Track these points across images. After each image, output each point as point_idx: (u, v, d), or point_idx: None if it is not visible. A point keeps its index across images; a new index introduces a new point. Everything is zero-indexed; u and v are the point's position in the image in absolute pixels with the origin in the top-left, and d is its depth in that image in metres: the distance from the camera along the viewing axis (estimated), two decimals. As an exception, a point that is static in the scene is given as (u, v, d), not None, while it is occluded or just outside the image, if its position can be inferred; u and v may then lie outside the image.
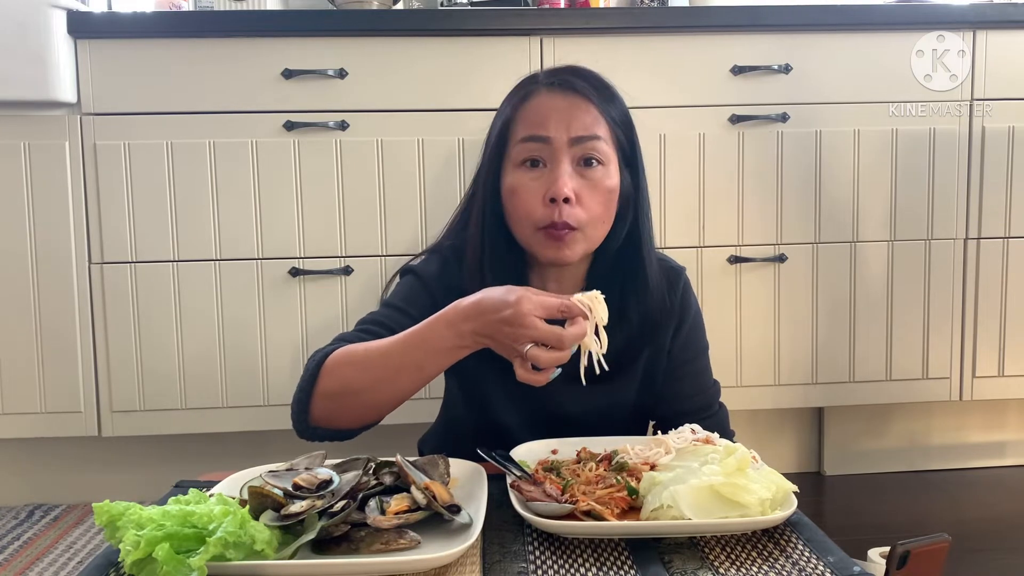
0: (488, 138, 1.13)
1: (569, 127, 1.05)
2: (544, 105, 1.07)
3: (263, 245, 1.78)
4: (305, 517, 0.77)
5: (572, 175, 1.04)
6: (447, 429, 1.29)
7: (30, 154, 1.73)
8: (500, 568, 0.77)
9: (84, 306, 1.77)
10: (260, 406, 1.81)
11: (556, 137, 1.04)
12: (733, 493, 0.81)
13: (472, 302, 0.95)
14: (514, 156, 1.07)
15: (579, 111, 1.06)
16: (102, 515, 0.75)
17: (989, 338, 1.93)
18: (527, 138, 1.06)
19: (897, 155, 1.88)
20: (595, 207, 1.06)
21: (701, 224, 1.85)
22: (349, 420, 1.01)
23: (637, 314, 1.12)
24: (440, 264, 1.16)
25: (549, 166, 1.05)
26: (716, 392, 1.22)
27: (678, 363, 1.18)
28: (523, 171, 1.06)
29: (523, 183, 1.06)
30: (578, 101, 1.07)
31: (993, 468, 2.10)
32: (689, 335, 1.19)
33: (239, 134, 1.76)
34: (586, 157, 1.05)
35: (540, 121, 1.05)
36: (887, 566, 0.75)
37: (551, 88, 1.08)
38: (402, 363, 0.97)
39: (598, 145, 1.06)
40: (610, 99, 1.10)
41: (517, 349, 0.91)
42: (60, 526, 1.78)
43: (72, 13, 1.70)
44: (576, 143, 1.05)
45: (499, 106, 1.15)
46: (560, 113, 1.05)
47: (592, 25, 1.79)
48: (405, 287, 1.17)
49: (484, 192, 1.10)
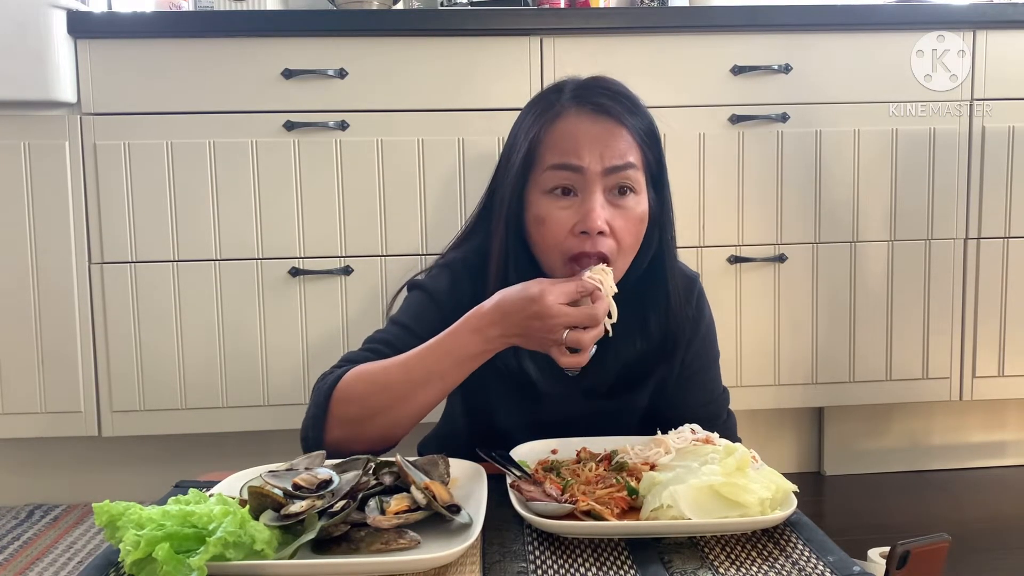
0: (509, 152, 1.08)
1: (603, 156, 1.00)
2: (576, 130, 1.01)
3: (263, 245, 1.78)
4: (305, 517, 0.77)
5: (604, 205, 1.00)
6: (448, 436, 1.27)
7: (30, 154, 1.73)
8: (500, 568, 0.77)
9: (84, 306, 1.76)
10: (260, 406, 1.81)
11: (590, 167, 1.00)
12: (733, 493, 0.81)
13: (493, 305, 0.96)
14: (542, 182, 1.02)
15: (613, 138, 1.01)
16: (102, 515, 0.75)
17: (989, 338, 1.93)
18: (558, 166, 1.01)
19: (897, 155, 1.88)
20: (626, 237, 1.02)
21: (701, 224, 1.85)
22: (365, 445, 0.98)
23: (658, 329, 1.10)
24: (450, 280, 1.12)
25: (581, 196, 1.01)
26: (725, 401, 1.20)
27: (689, 373, 1.16)
28: (552, 199, 1.02)
29: (552, 213, 1.01)
30: (611, 126, 1.02)
31: (993, 468, 2.10)
32: (701, 346, 1.17)
33: (239, 134, 1.76)
34: (620, 186, 1.02)
35: (573, 148, 1.00)
36: (887, 566, 0.75)
37: (581, 109, 1.03)
38: (426, 376, 0.97)
39: (631, 174, 1.02)
40: (639, 116, 1.05)
41: (552, 339, 0.93)
42: (60, 526, 1.78)
43: (72, 13, 1.70)
44: (610, 172, 1.00)
45: (519, 118, 1.09)
46: (593, 140, 1.00)
47: (592, 25, 1.79)
48: (414, 304, 1.14)
49: (507, 213, 1.06)
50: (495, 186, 1.11)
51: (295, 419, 1.82)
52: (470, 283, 1.10)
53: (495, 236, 1.08)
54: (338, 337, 1.80)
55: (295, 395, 1.80)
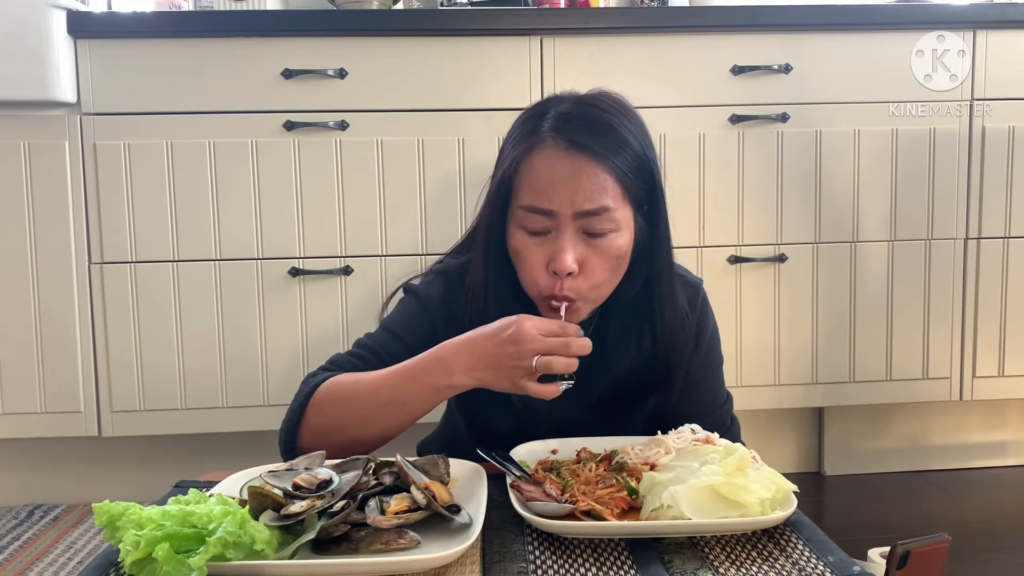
0: (494, 173, 1.06)
1: (574, 200, 0.97)
2: (550, 169, 0.99)
3: (263, 245, 1.78)
4: (305, 517, 0.77)
5: (576, 244, 0.99)
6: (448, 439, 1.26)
7: (30, 154, 1.73)
8: (500, 568, 0.77)
9: (84, 306, 1.77)
10: (260, 406, 1.80)
11: (560, 211, 0.98)
12: (733, 493, 0.81)
13: (465, 336, 0.96)
14: (518, 218, 1.02)
15: (585, 179, 0.97)
16: (102, 515, 0.75)
17: (989, 338, 1.93)
18: (530, 208, 0.99)
19: (897, 155, 1.88)
20: (600, 274, 1.01)
21: (701, 224, 1.85)
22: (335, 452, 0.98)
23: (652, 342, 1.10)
24: (444, 287, 1.12)
25: (553, 235, 0.99)
26: (729, 408, 1.19)
27: (693, 382, 1.14)
28: (526, 235, 1.01)
29: (527, 248, 1.01)
30: (585, 165, 0.98)
31: (993, 468, 2.10)
32: (706, 355, 1.16)
33: (239, 134, 1.76)
34: (591, 231, 0.99)
35: (544, 190, 0.98)
36: (887, 566, 0.75)
37: (557, 142, 0.99)
38: (389, 400, 0.97)
39: (604, 218, 0.98)
40: (622, 149, 1.00)
41: (523, 365, 0.91)
42: (60, 526, 1.78)
43: (72, 13, 1.70)
44: (581, 216, 0.98)
45: (507, 134, 1.08)
46: (565, 182, 0.97)
47: (592, 25, 1.79)
48: (405, 311, 1.13)
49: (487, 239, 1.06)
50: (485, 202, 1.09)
51: (295, 419, 1.79)
52: (462, 292, 1.10)
53: (477, 259, 1.08)
54: (338, 337, 1.80)
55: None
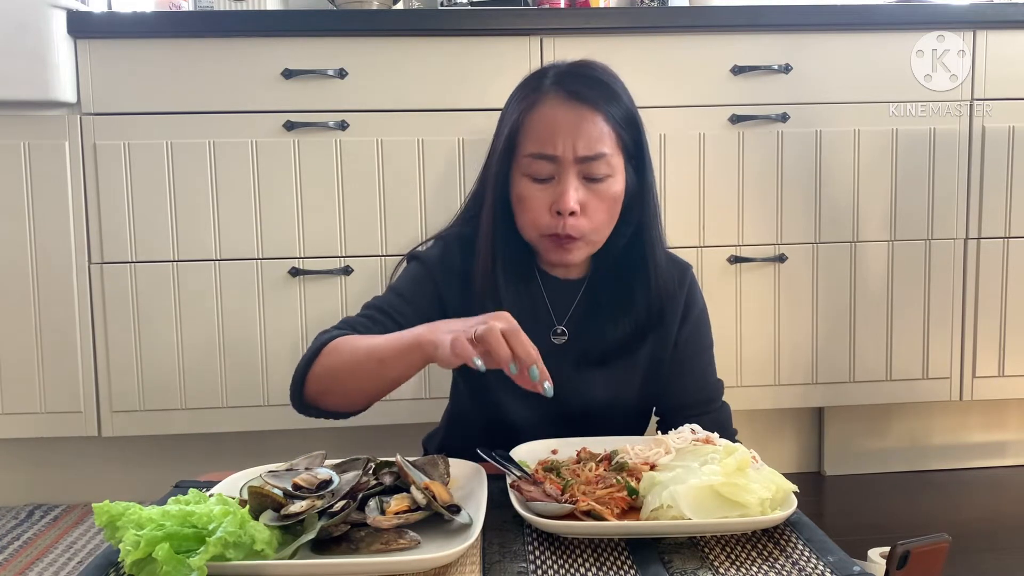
0: (497, 136, 1.16)
1: (575, 146, 1.07)
2: (552, 118, 1.08)
3: (263, 245, 1.78)
4: (305, 517, 0.77)
5: (578, 187, 1.08)
6: (453, 423, 1.31)
7: (30, 154, 1.73)
8: (500, 568, 0.77)
9: (84, 306, 1.76)
10: (260, 406, 1.80)
11: (563, 156, 1.07)
12: (733, 493, 0.81)
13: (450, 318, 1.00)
14: (522, 166, 1.10)
15: (585, 125, 1.07)
16: (102, 515, 0.75)
17: (989, 338, 1.93)
18: (535, 155, 1.09)
19: (897, 155, 1.88)
20: (599, 215, 1.10)
21: (701, 224, 1.85)
22: (336, 403, 1.07)
23: (643, 301, 1.16)
24: (442, 249, 1.20)
25: (556, 179, 1.09)
26: (719, 390, 1.24)
27: (683, 357, 1.21)
28: (530, 182, 1.10)
29: (531, 193, 1.10)
30: (584, 112, 1.08)
31: (993, 468, 2.10)
32: (695, 329, 1.22)
33: (239, 134, 1.76)
34: (591, 176, 1.08)
35: (548, 137, 1.08)
36: (887, 566, 0.75)
37: (558, 95, 1.09)
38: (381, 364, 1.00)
39: (602, 162, 1.08)
40: (615, 102, 1.11)
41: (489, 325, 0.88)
42: (60, 526, 1.78)
43: (72, 13, 1.69)
44: (582, 161, 1.08)
45: (508, 100, 1.16)
46: (568, 129, 1.07)
47: (592, 25, 1.79)
48: (409, 273, 1.22)
49: (494, 192, 1.14)
50: (488, 164, 1.18)
51: (295, 419, 1.83)
52: (460, 253, 1.18)
53: (484, 212, 1.16)
54: (338, 337, 1.80)
55: (295, 395, 1.80)
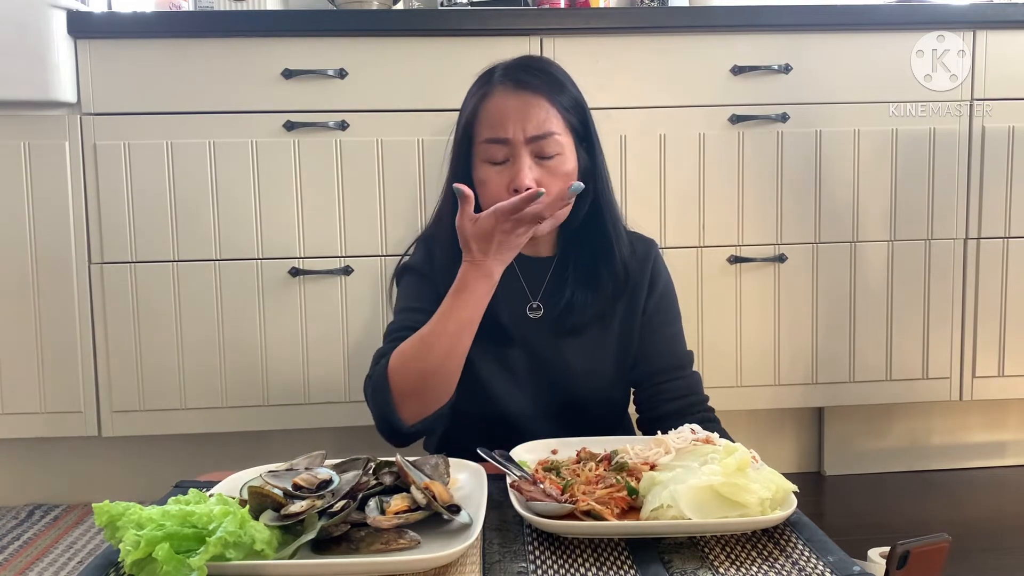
0: (456, 129, 1.26)
1: (525, 127, 1.17)
2: (502, 105, 1.19)
3: (263, 245, 1.78)
4: (305, 517, 0.77)
5: (532, 166, 1.18)
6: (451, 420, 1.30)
7: (30, 154, 1.73)
8: (500, 568, 0.77)
9: (84, 306, 1.76)
10: (260, 406, 1.80)
11: (514, 138, 1.17)
12: (733, 493, 0.81)
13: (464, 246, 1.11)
14: (480, 152, 1.20)
15: (533, 109, 1.18)
16: (102, 515, 0.75)
17: (989, 338, 1.93)
18: (489, 139, 1.19)
19: (897, 155, 1.88)
20: (554, 189, 1.16)
21: (701, 224, 1.85)
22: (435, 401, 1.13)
23: (607, 274, 1.25)
24: (426, 250, 1.29)
25: (511, 161, 1.18)
26: (690, 359, 1.32)
27: (653, 325, 1.29)
28: (489, 166, 1.20)
29: (489, 176, 1.19)
30: (531, 98, 1.18)
31: (993, 468, 2.10)
32: (662, 299, 1.31)
33: (239, 134, 1.76)
34: (542, 154, 1.18)
35: (499, 123, 1.18)
36: (887, 566, 0.75)
37: (505, 85, 1.20)
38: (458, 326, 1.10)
39: (552, 141, 1.18)
40: (560, 89, 1.21)
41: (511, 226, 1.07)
42: (60, 526, 1.78)
43: (72, 13, 1.69)
44: (532, 141, 1.17)
45: (464, 98, 1.25)
46: (516, 114, 1.17)
47: (592, 25, 1.79)
48: (408, 286, 1.29)
49: (454, 179, 1.23)
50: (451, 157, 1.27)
51: (295, 419, 1.83)
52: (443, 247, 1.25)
53: (445, 197, 1.27)
54: (338, 337, 1.80)
55: (295, 395, 1.80)
